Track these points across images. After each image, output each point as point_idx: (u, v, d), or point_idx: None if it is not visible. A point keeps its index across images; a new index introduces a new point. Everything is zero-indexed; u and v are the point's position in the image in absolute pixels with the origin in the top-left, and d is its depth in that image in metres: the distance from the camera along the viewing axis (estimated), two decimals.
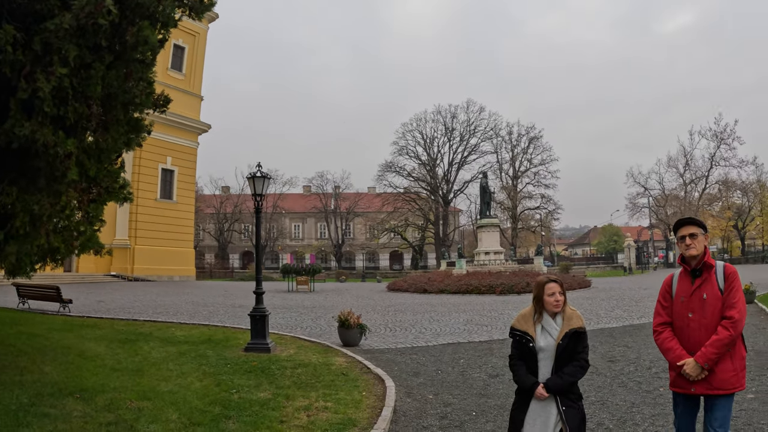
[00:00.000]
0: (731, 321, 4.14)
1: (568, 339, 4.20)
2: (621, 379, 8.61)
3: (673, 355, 4.31)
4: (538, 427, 4.17)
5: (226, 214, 76.38)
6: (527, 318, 4.37)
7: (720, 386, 4.16)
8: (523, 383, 4.29)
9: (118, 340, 11.56)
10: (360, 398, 7.47)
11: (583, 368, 4.26)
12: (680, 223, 4.45)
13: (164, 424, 6.02)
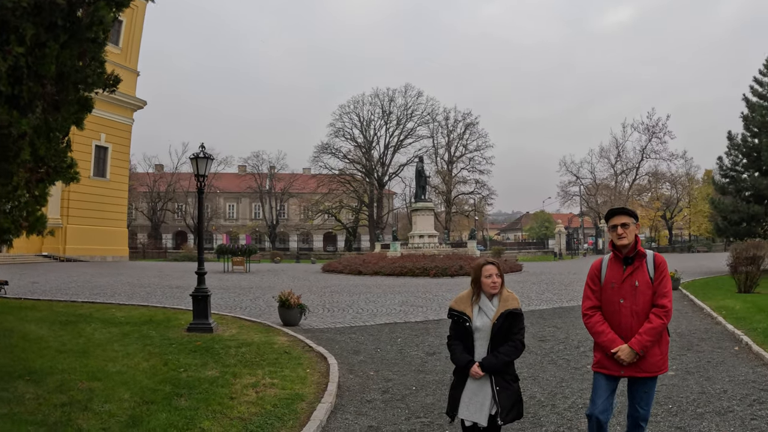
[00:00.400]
0: (664, 310, 4.33)
1: (504, 319, 4.31)
2: (551, 356, 9.27)
3: (605, 338, 4.42)
4: (474, 405, 4.31)
5: (159, 192, 74.54)
6: (465, 299, 4.49)
7: (648, 369, 4.36)
8: (459, 362, 4.41)
9: (59, 321, 11.39)
10: (305, 375, 7.84)
11: (518, 349, 4.37)
12: (612, 213, 4.56)
13: (118, 403, 6.16)
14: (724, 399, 6.71)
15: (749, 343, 9.67)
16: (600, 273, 4.58)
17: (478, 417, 4.25)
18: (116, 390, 6.65)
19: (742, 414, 6.13)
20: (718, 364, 8.53)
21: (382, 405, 6.71)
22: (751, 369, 8.19)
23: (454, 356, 4.46)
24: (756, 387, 7.19)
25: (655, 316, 4.31)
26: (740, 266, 17.88)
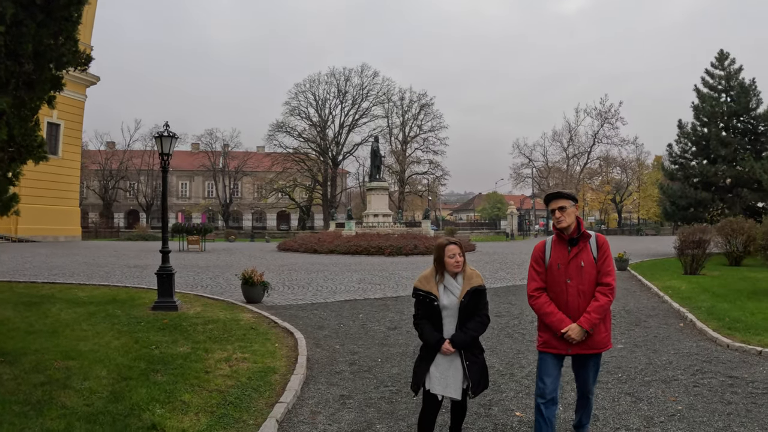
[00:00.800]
0: (609, 288, 4.47)
1: (470, 297, 4.46)
2: (507, 330, 9.84)
3: (553, 318, 4.51)
4: (447, 380, 4.44)
5: (111, 171, 72.91)
6: (429, 279, 4.57)
7: (595, 346, 4.53)
8: (429, 340, 4.50)
9: (22, 303, 11.35)
10: (274, 349, 8.16)
11: (484, 324, 4.56)
12: (550, 197, 4.65)
13: (96, 380, 6.30)
14: (669, 369, 7.35)
15: (693, 320, 10.43)
16: (544, 255, 4.68)
17: (452, 392, 4.42)
18: (93, 368, 6.78)
19: (686, 382, 6.75)
20: (664, 339, 9.22)
21: (350, 376, 7.10)
22: (695, 343, 8.89)
23: (423, 335, 4.56)
24: (699, 359, 7.87)
25: (600, 294, 4.45)
26: (687, 249, 18.81)
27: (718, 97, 31.85)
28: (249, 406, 5.66)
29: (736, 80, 31.42)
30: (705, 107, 31.45)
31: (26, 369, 6.64)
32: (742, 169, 28.97)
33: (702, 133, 31.78)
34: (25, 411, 5.17)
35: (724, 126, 31.42)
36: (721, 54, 32.19)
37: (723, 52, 32.21)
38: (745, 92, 30.82)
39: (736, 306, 11.57)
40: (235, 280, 16.90)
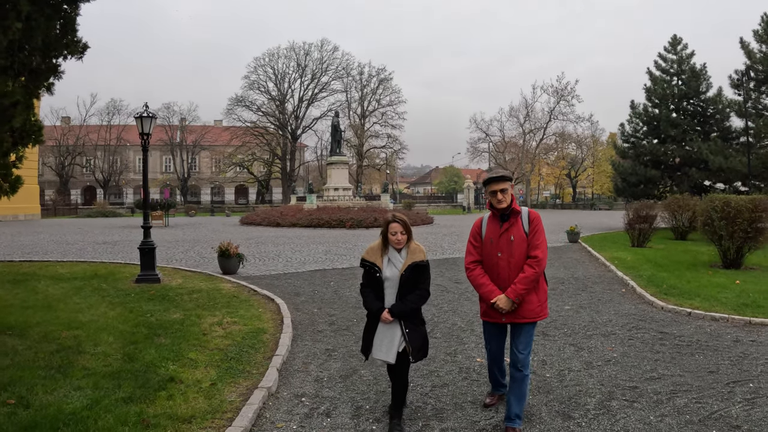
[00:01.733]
0: (536, 260, 4.68)
1: (411, 271, 4.70)
2: (466, 295, 10.83)
3: (485, 290, 4.80)
4: (384, 346, 4.73)
5: (68, 146, 71.42)
6: (376, 250, 4.85)
7: (526, 316, 4.75)
8: (370, 308, 4.82)
9: (7, 281, 11.69)
10: (259, 314, 8.98)
11: (424, 297, 4.79)
12: (490, 181, 4.85)
13: (107, 345, 6.93)
14: (609, 326, 8.47)
15: (634, 286, 11.58)
16: (481, 230, 4.96)
17: (387, 356, 4.72)
18: (99, 335, 7.38)
19: (623, 336, 7.87)
20: (606, 302, 10.35)
21: (332, 334, 7.99)
22: (633, 306, 10.04)
23: (366, 303, 4.87)
24: (635, 318, 9.01)
25: (528, 266, 4.69)
26: (635, 224, 20.01)
27: (670, 80, 33.34)
28: (249, 360, 6.50)
29: (688, 64, 32.91)
30: (657, 89, 32.94)
31: (36, 340, 7.14)
32: (691, 149, 30.52)
33: (653, 114, 33.29)
34: (51, 374, 5.80)
35: (675, 108, 32.96)
36: (674, 39, 33.64)
37: (676, 37, 33.67)
38: (695, 76, 32.34)
39: (675, 275, 12.82)
40: (207, 253, 17.68)
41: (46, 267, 14.14)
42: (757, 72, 27.86)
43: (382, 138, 74.35)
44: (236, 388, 5.54)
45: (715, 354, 6.88)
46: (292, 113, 73.51)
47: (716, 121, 31.61)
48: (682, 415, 4.98)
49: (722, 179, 29.77)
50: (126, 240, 23.36)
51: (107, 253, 18.26)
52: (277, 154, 73.61)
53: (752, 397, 5.37)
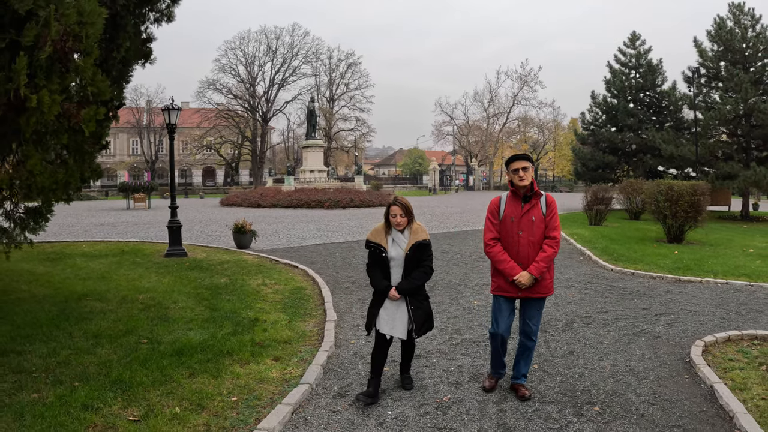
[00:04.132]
0: (555, 240, 5.00)
1: (415, 250, 4.95)
2: (454, 260, 13.01)
3: (506, 266, 5.01)
4: (392, 321, 5.00)
5: None
6: (380, 232, 5.07)
7: (541, 291, 5.07)
8: (378, 286, 5.03)
9: (44, 260, 12.47)
10: (291, 276, 10.97)
11: (428, 273, 5.02)
12: (514, 158, 5.07)
13: (185, 302, 8.42)
14: (570, 282, 10.77)
15: (590, 255, 13.93)
16: (499, 209, 5.16)
17: (398, 332, 5.01)
18: (171, 296, 8.86)
19: (580, 288, 10.17)
20: (567, 266, 12.62)
21: (357, 289, 10.02)
22: (589, 268, 12.38)
23: (373, 281, 5.09)
24: (590, 276, 11.35)
25: (548, 246, 4.99)
26: (593, 205, 22.50)
27: (629, 73, 36.20)
28: (305, 306, 8.52)
29: (645, 59, 35.81)
30: (616, 81, 35.78)
31: (117, 302, 8.39)
32: (646, 138, 33.20)
33: (612, 104, 36.11)
34: (156, 323, 7.28)
35: (632, 99, 35.84)
36: (633, 35, 36.53)
37: (635, 34, 36.59)
38: (652, 70, 35.24)
39: (624, 247, 15.26)
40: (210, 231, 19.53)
41: (69, 246, 15.06)
42: (708, 69, 30.53)
43: (351, 121, 76.13)
44: (308, 324, 7.56)
45: (649, 299, 9.24)
46: (263, 96, 74.63)
47: (670, 112, 34.41)
48: (621, 330, 7.31)
49: (674, 165, 32.29)
50: (123, 221, 24.79)
51: (116, 233, 19.66)
52: (247, 136, 74.68)
53: (671, 322, 7.71)
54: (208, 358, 5.98)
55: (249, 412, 4.73)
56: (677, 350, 6.52)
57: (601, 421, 4.68)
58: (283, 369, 5.76)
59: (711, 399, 5.11)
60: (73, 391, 4.95)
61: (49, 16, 4.13)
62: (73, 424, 4.35)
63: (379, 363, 5.14)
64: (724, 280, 10.75)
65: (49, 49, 4.16)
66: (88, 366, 5.65)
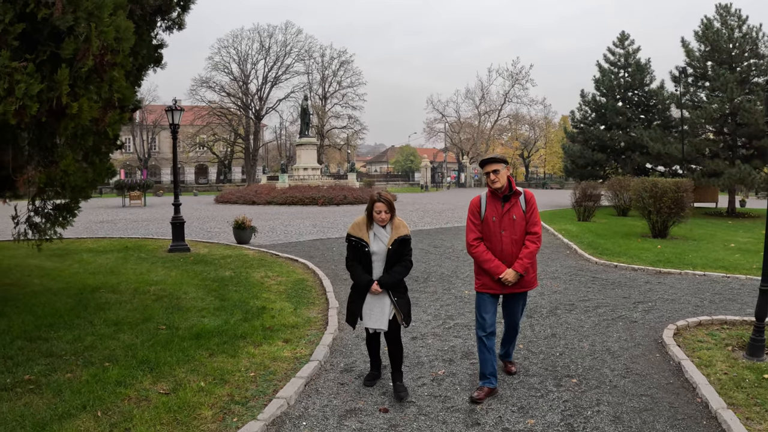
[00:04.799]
0: (536, 236, 5.13)
1: (397, 245, 4.99)
2: (446, 254, 13.62)
3: (491, 265, 5.10)
4: (375, 315, 5.06)
5: None
6: (361, 226, 5.10)
7: (525, 286, 5.25)
8: (360, 281, 5.09)
9: (53, 255, 12.69)
10: (292, 269, 11.53)
11: (408, 268, 5.09)
12: (485, 162, 5.16)
13: (195, 293, 8.94)
14: (556, 273, 11.38)
15: (576, 249, 14.56)
16: (480, 209, 5.24)
17: (380, 324, 5.07)
18: (181, 288, 9.36)
19: (565, 279, 10.79)
20: (554, 259, 13.25)
21: None
22: (574, 261, 13.01)
23: (354, 276, 5.15)
24: (575, 269, 11.97)
25: (530, 241, 5.13)
26: (582, 201, 23.15)
27: (617, 72, 36.97)
28: (308, 296, 9.10)
29: (634, 59, 36.60)
30: (605, 80, 36.58)
31: (130, 294, 8.83)
32: (634, 136, 33.95)
33: (601, 102, 36.84)
34: (171, 312, 7.82)
35: (621, 98, 36.66)
36: (623, 35, 37.34)
37: (624, 34, 37.39)
38: (640, 70, 36.03)
39: (610, 242, 15.89)
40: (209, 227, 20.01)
41: (74, 243, 15.17)
42: (695, 69, 31.27)
43: (343, 119, 76.56)
44: (312, 312, 8.14)
45: (629, 288, 9.88)
46: (256, 94, 74.94)
47: (658, 111, 35.20)
48: (601, 316, 7.94)
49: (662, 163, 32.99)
50: (121, 218, 25.20)
51: (116, 230, 20.03)
52: (240, 134, 75.02)
53: (648, 309, 8.35)
54: (224, 341, 6.55)
55: (266, 384, 5.31)
56: (651, 333, 7.15)
57: (578, 390, 5.30)
58: (293, 349, 6.35)
59: (678, 373, 5.73)
60: (105, 371, 5.49)
61: (90, 32, 4.66)
62: (110, 398, 4.89)
63: (374, 352, 5.40)
64: (702, 272, 11.39)
65: (90, 62, 4.70)
66: (114, 349, 6.20)
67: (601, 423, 4.62)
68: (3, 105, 4.50)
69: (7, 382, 5.16)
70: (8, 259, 12.39)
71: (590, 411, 4.87)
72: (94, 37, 4.67)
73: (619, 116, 35.24)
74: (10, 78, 4.52)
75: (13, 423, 4.34)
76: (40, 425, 4.32)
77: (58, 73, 4.82)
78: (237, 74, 73.66)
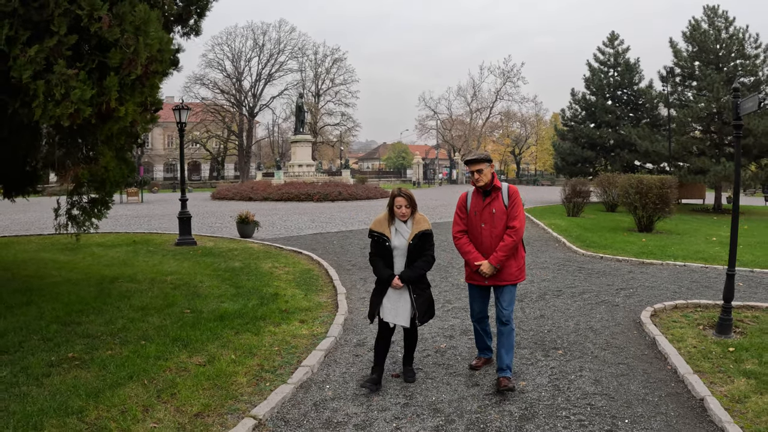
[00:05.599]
0: (514, 230, 5.20)
1: (418, 239, 5.06)
2: (442, 247, 14.24)
3: (470, 256, 5.35)
4: (395, 310, 5.11)
5: None
6: (383, 222, 5.18)
7: (507, 279, 5.32)
8: (381, 275, 5.15)
9: (64, 249, 13.24)
10: (298, 261, 12.20)
11: (430, 262, 5.15)
12: (468, 162, 5.35)
13: (210, 282, 9.59)
14: (545, 264, 12.14)
15: (564, 242, 15.34)
16: (466, 203, 5.49)
17: (401, 320, 5.13)
18: (195, 277, 9.97)
19: (553, 268, 11.54)
20: (544, 251, 14.01)
21: (358, 270, 11.30)
22: (563, 253, 13.76)
23: (377, 270, 5.22)
24: (563, 260, 12.74)
25: (507, 235, 5.22)
26: (572, 198, 23.98)
27: (607, 71, 37.93)
28: (316, 284, 9.79)
29: (623, 58, 37.61)
30: (595, 79, 37.58)
31: (148, 283, 9.31)
32: (623, 134, 34.85)
33: (590, 101, 37.82)
34: (192, 298, 8.45)
35: (610, 96, 37.67)
36: (612, 35, 38.33)
37: (614, 34, 38.41)
38: (629, 69, 37.05)
39: (597, 235, 16.69)
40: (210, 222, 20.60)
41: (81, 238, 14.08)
42: (683, 69, 32.12)
43: (336, 116, 77.11)
44: (321, 297, 8.84)
45: (613, 277, 10.65)
46: (249, 91, 75.38)
47: (646, 109, 36.13)
48: (586, 300, 8.72)
49: (650, 160, 33.93)
50: (121, 215, 25.57)
51: (119, 225, 20.41)
52: (233, 131, 75.45)
53: (629, 295, 9.12)
54: (246, 321, 7.24)
55: (290, 356, 6.03)
56: (631, 315, 7.91)
57: (564, 359, 6.06)
58: (309, 328, 7.06)
59: (652, 347, 6.48)
60: (143, 347, 6.14)
61: (139, 45, 5.33)
62: (152, 369, 5.54)
63: (382, 352, 5.37)
64: (683, 263, 12.16)
65: (139, 71, 5.36)
66: (146, 330, 6.84)
67: (583, 384, 5.37)
68: (60, 108, 5.13)
69: (53, 360, 5.76)
70: (21, 253, 12.91)
71: (574, 375, 5.62)
72: (142, 49, 5.33)
73: (609, 114, 36.19)
74: (66, 84, 5.15)
75: (67, 393, 4.94)
76: (94, 393, 4.93)
77: (106, 80, 5.46)
78: (231, 71, 74.06)
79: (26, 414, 4.46)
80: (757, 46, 29.53)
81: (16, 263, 11.47)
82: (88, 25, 5.31)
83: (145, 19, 5.35)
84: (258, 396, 5.02)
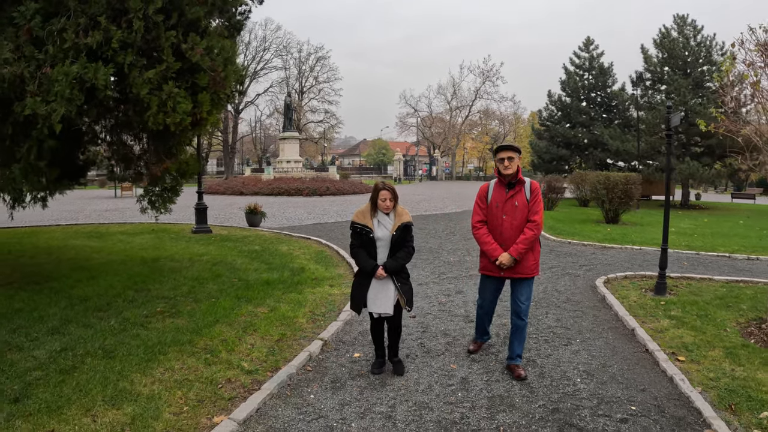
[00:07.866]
0: (535, 224, 5.26)
1: (400, 231, 5.15)
2: (431, 234, 16.35)
3: (490, 247, 5.35)
4: (381, 300, 5.18)
5: None
6: (365, 213, 5.25)
7: (524, 272, 5.37)
8: (365, 266, 5.18)
9: (90, 237, 14.28)
10: (309, 245, 14.00)
11: (410, 253, 5.24)
12: (501, 148, 5.34)
13: (242, 260, 11.22)
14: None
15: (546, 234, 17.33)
16: (487, 194, 5.45)
17: (385, 309, 5.19)
18: (227, 257, 11.60)
19: None
20: None
21: None
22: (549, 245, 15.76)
23: (360, 262, 5.24)
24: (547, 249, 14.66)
25: (528, 229, 5.24)
26: (547, 194, 26.02)
27: (582, 74, 40.34)
28: (332, 261, 11.66)
29: (597, 62, 40.08)
30: (570, 82, 40.00)
31: (188, 262, 10.82)
32: (597, 133, 37.18)
33: (566, 102, 40.27)
34: (234, 270, 10.20)
35: (585, 98, 40.14)
36: (588, 40, 40.90)
37: (589, 39, 41.05)
38: (603, 73, 39.61)
39: (568, 226, 18.84)
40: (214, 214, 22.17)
41: (100, 228, 16.89)
42: (653, 73, 34.43)
43: (320, 113, 78.68)
44: (340, 270, 10.74)
45: (578, 257, 12.77)
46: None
47: (619, 111, 38.60)
48: (554, 273, 10.86)
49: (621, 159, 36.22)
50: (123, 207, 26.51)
51: (127, 217, 21.33)
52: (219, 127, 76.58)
53: (589, 269, 11.25)
54: (287, 286, 9.15)
55: (332, 305, 8.01)
56: (588, 282, 10.01)
57: (534, 308, 8.12)
58: (340, 290, 9.01)
59: (602, 301, 8.59)
60: (216, 303, 7.90)
61: (228, 71, 7.21)
62: (231, 316, 7.36)
63: (379, 340, 5.64)
64: (639, 247, 14.29)
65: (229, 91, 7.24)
66: (210, 292, 8.60)
67: (548, 321, 7.46)
68: (170, 117, 6.96)
69: (145, 313, 7.34)
70: (52, 240, 13.89)
71: (541, 317, 7.71)
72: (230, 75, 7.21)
73: (583, 115, 38.63)
74: (173, 100, 6.99)
75: (173, 332, 6.58)
76: (194, 331, 6.66)
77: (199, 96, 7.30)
78: None
79: (148, 346, 6.02)
80: (723, 53, 31.76)
81: (53, 249, 12.42)
82: (190, 56, 7.09)
83: (232, 53, 7.23)
84: (318, 329, 6.95)
